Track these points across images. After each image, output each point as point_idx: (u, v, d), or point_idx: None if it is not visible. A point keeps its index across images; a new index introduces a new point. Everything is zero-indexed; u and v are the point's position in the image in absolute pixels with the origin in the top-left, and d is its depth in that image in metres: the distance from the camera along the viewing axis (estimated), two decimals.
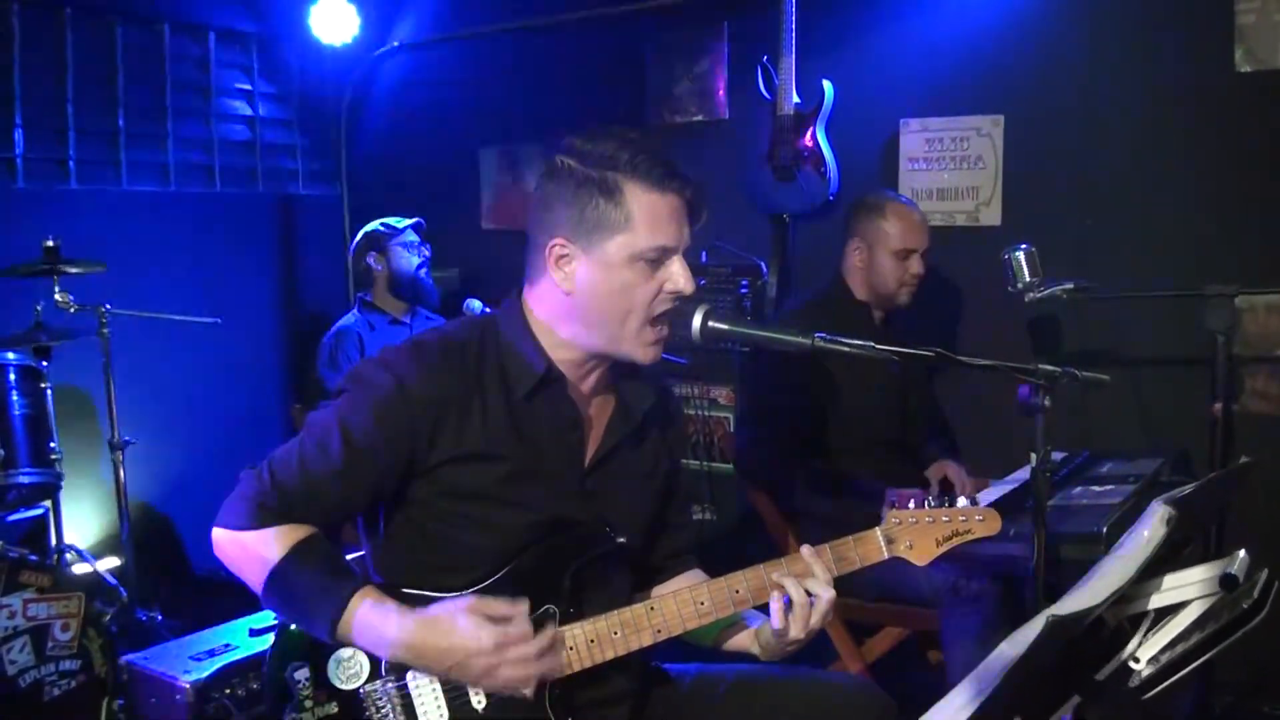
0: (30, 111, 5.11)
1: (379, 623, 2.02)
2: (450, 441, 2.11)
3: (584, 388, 2.24)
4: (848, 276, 3.92)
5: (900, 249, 3.80)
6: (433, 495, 2.15)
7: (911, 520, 2.24)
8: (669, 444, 2.44)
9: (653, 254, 2.08)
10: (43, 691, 3.37)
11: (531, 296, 2.21)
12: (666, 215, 2.08)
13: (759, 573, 2.19)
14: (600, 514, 2.23)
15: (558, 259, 2.12)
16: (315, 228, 6.28)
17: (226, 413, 5.70)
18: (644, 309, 2.11)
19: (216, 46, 5.89)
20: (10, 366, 3.90)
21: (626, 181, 2.06)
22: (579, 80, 5.49)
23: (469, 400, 2.13)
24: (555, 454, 2.21)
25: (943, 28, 4.48)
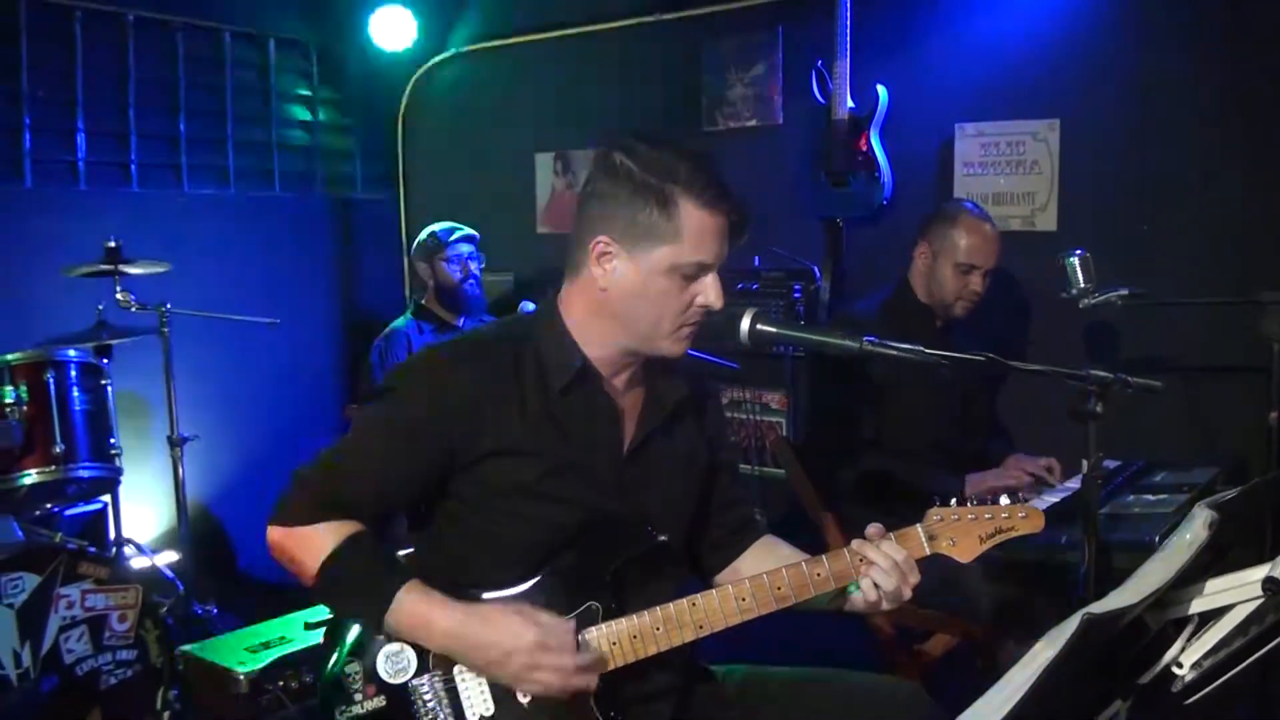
0: (92, 116, 5.23)
1: (425, 614, 2.06)
2: (489, 437, 2.14)
3: (617, 382, 2.27)
4: (912, 278, 3.90)
5: (964, 263, 3.76)
6: (474, 490, 2.18)
7: (954, 517, 2.22)
8: (705, 432, 2.45)
9: (691, 269, 2.12)
10: (99, 680, 3.44)
11: (570, 290, 2.25)
12: (712, 233, 2.12)
13: (801, 570, 2.19)
14: (640, 505, 2.26)
15: (600, 255, 2.15)
16: (372, 231, 6.38)
17: (283, 412, 5.78)
18: (673, 318, 2.16)
19: (277, 53, 5.99)
20: (72, 364, 3.97)
21: (682, 195, 2.09)
22: (634, 85, 5.52)
23: (506, 396, 2.16)
24: (592, 447, 2.23)
25: (998, 31, 4.45)
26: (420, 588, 2.08)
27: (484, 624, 2.05)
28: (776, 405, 5.19)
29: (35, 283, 4.57)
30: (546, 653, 2.02)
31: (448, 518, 2.23)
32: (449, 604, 2.07)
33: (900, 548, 2.19)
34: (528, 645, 2.01)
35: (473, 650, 2.06)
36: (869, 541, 2.20)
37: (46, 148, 5.10)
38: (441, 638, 2.07)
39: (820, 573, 2.19)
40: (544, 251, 5.86)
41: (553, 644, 2.03)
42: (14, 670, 3.26)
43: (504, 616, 2.05)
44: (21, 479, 3.77)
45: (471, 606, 2.08)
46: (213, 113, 5.72)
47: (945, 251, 3.78)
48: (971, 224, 3.79)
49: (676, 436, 2.36)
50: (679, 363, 2.31)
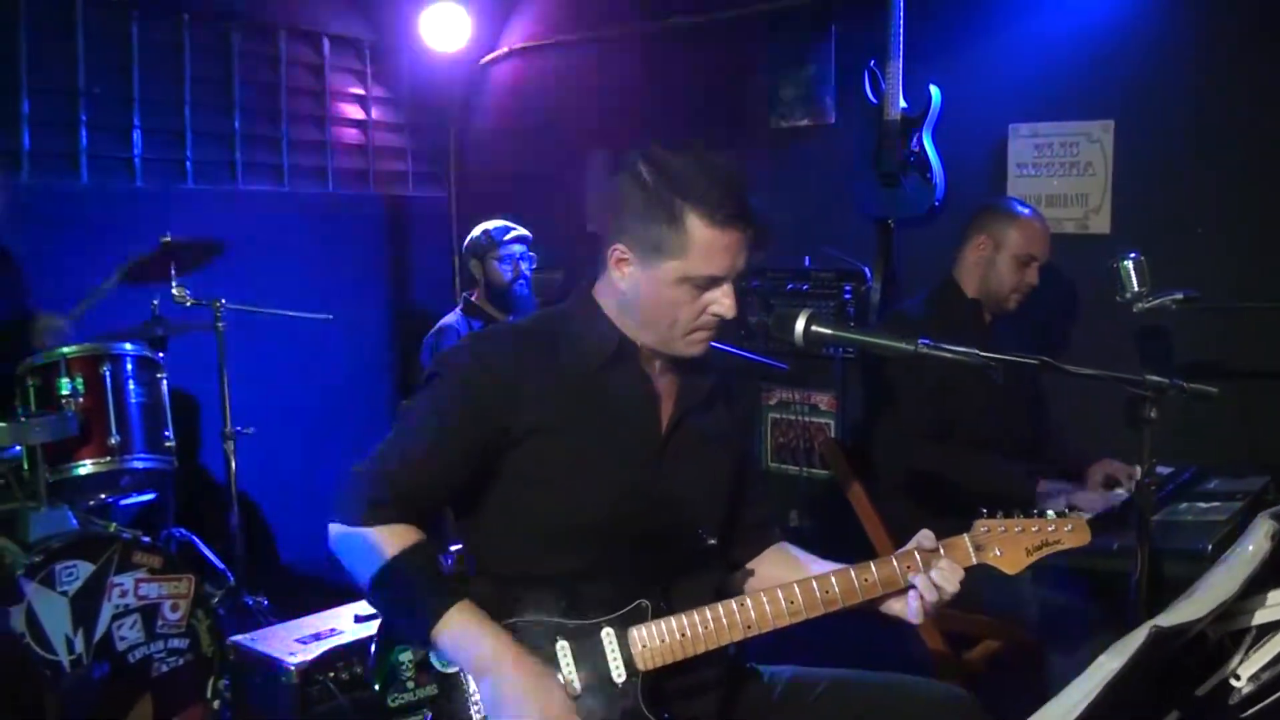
0: (148, 113, 5.31)
1: (470, 641, 2.07)
2: (530, 414, 2.18)
3: (654, 364, 2.31)
4: (961, 274, 3.83)
5: (1023, 254, 3.71)
6: (519, 469, 2.20)
7: (1000, 529, 2.23)
8: (736, 419, 2.49)
9: (701, 281, 2.15)
10: (151, 667, 3.48)
11: (600, 284, 2.31)
12: (722, 249, 2.14)
13: (849, 575, 2.20)
14: (678, 485, 2.28)
15: (617, 261, 2.21)
16: (424, 229, 6.43)
17: (334, 407, 5.84)
18: (686, 324, 2.20)
19: (331, 51, 6.05)
20: (128, 357, 4.02)
21: (691, 213, 2.11)
22: (686, 85, 5.51)
23: (545, 374, 2.21)
24: (632, 424, 2.27)
25: (1052, 31, 4.41)
26: (470, 609, 2.09)
27: (525, 672, 2.04)
28: (825, 406, 5.17)
29: (92, 277, 4.62)
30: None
31: (495, 502, 2.25)
32: (500, 635, 2.08)
33: (950, 561, 2.20)
34: (554, 714, 2.01)
35: (501, 687, 2.04)
36: (919, 552, 2.21)
37: (103, 144, 5.18)
38: (478, 665, 2.07)
39: (869, 578, 2.20)
40: (595, 250, 5.83)
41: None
42: (67, 656, 3.30)
43: (547, 678, 2.06)
44: (77, 469, 3.81)
45: (520, 652, 2.07)
46: (267, 110, 5.80)
47: (1004, 244, 3.72)
48: (1029, 217, 3.77)
49: (711, 419, 2.38)
50: (709, 357, 2.34)
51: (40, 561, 3.29)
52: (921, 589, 2.18)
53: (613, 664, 2.13)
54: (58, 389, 3.80)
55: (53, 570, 3.31)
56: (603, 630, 2.14)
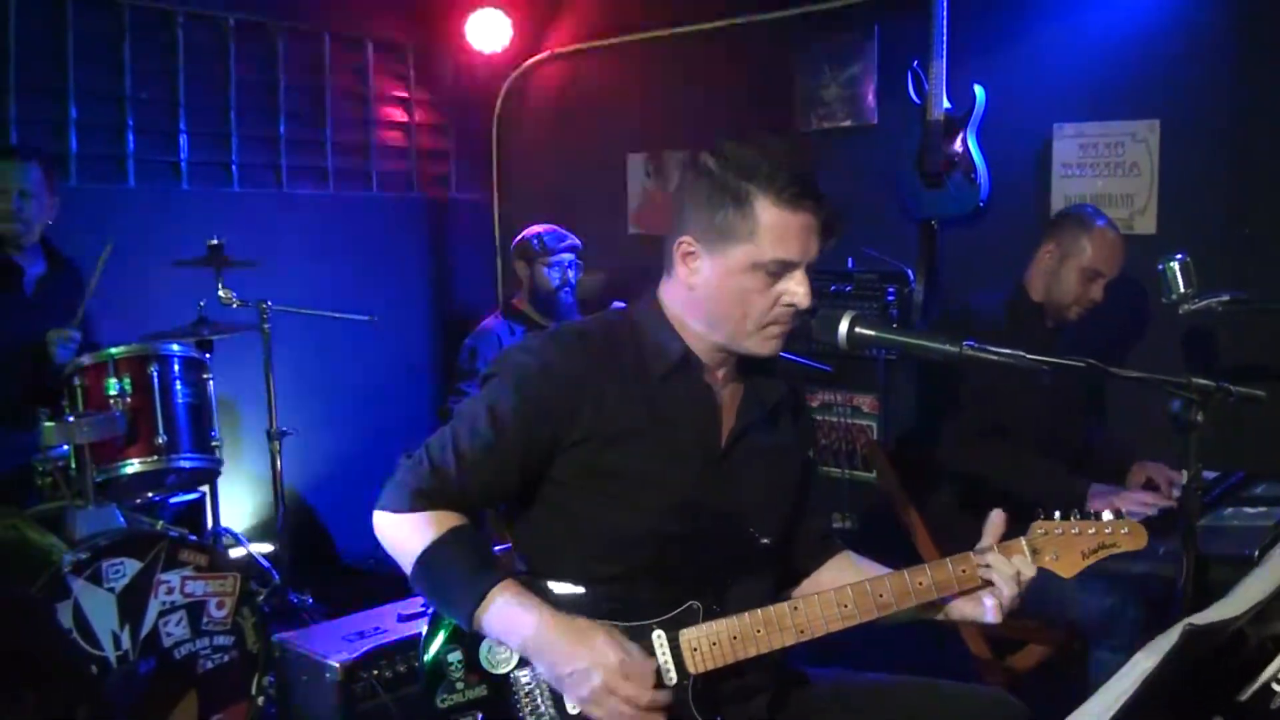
0: (194, 118, 5.36)
1: (515, 616, 2.06)
2: (590, 420, 2.15)
3: (718, 374, 2.28)
4: (1029, 278, 3.79)
5: (1090, 268, 3.66)
6: (575, 475, 2.19)
7: (1057, 531, 2.19)
8: (800, 433, 2.45)
9: (773, 266, 2.10)
10: (197, 664, 3.49)
11: (665, 288, 2.26)
12: (793, 232, 2.09)
13: (903, 578, 2.17)
14: (736, 498, 2.25)
15: (684, 255, 2.17)
16: (466, 231, 6.47)
17: (378, 408, 5.87)
18: (759, 316, 2.14)
19: (374, 56, 6.09)
20: (175, 358, 4.05)
21: (759, 195, 2.07)
22: (728, 86, 5.51)
23: (608, 381, 2.18)
24: (692, 435, 2.23)
25: (1097, 30, 4.38)
26: (515, 587, 2.09)
27: (572, 636, 2.04)
28: (868, 409, 5.15)
29: (139, 279, 4.68)
30: (625, 681, 2.01)
31: (547, 505, 2.24)
32: (543, 608, 2.07)
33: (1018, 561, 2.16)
34: (610, 667, 2.01)
35: (555, 659, 2.04)
36: (990, 553, 2.16)
37: (149, 149, 5.24)
38: (526, 638, 2.06)
39: (922, 581, 2.16)
40: (635, 252, 5.88)
41: (633, 674, 2.02)
42: (113, 652, 3.33)
43: (594, 634, 2.04)
44: (124, 468, 3.85)
45: (564, 617, 2.06)
46: (312, 114, 5.84)
47: (1074, 255, 3.67)
48: (1103, 232, 3.69)
49: (773, 434, 2.35)
50: (777, 363, 2.31)
51: (88, 558, 3.30)
52: (1000, 580, 2.14)
53: (663, 666, 2.11)
54: (105, 389, 3.83)
55: (100, 567, 3.32)
56: (654, 632, 2.12)
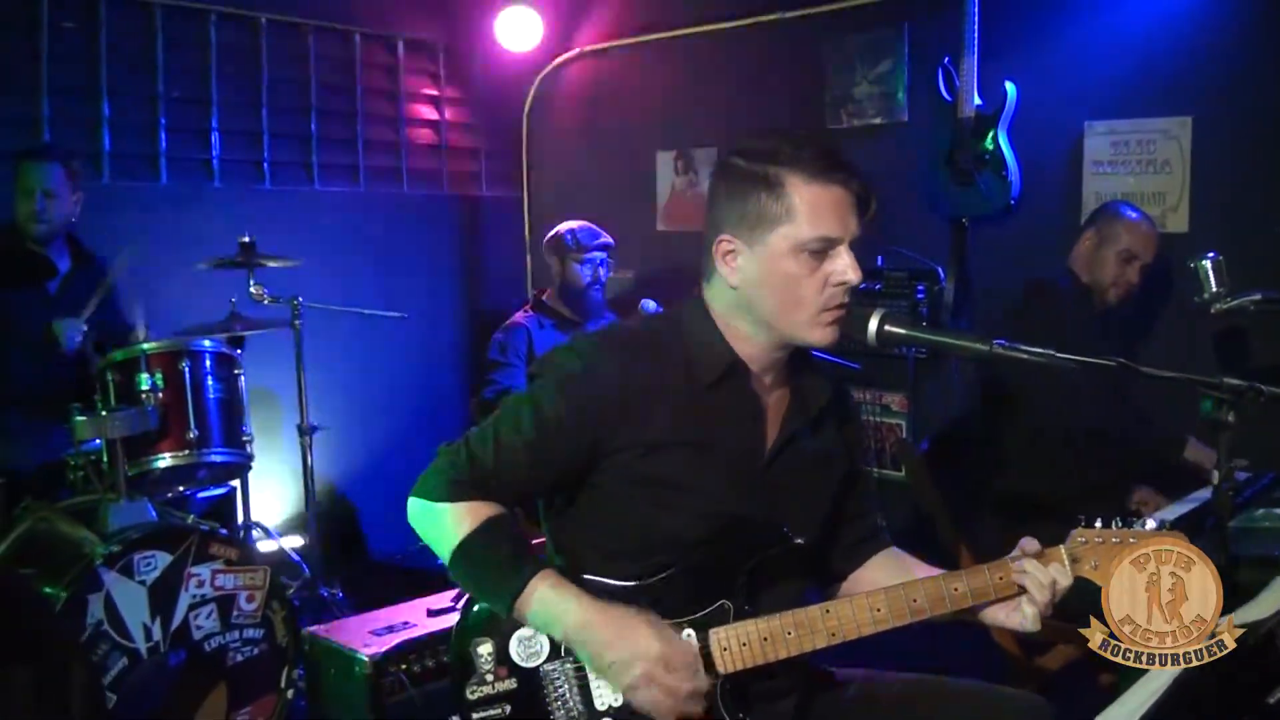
0: (226, 116, 5.40)
1: (557, 604, 2.06)
2: (635, 427, 2.14)
3: (765, 381, 2.25)
4: (1074, 263, 3.99)
5: (1125, 250, 3.88)
6: (615, 479, 2.17)
7: (1098, 540, 2.14)
8: (846, 441, 2.42)
9: (816, 244, 2.06)
10: (226, 656, 3.52)
11: (708, 294, 2.24)
12: (829, 206, 2.07)
13: (938, 583, 2.15)
14: (777, 505, 2.23)
15: (724, 255, 2.14)
16: (496, 228, 6.49)
17: (407, 404, 5.90)
18: (810, 300, 2.10)
19: (405, 54, 6.12)
20: (207, 353, 4.07)
21: (788, 174, 2.06)
22: (757, 83, 5.51)
23: (654, 388, 2.15)
24: (737, 443, 2.21)
25: (1129, 27, 4.35)
26: (554, 577, 2.09)
27: (615, 625, 2.04)
28: (897, 407, 5.13)
29: (171, 276, 4.71)
30: (667, 670, 2.00)
31: (586, 503, 2.23)
32: (582, 598, 2.07)
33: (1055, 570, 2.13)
34: (653, 656, 2.00)
35: (597, 647, 2.04)
36: (1027, 560, 2.14)
37: (182, 146, 5.27)
38: (569, 629, 2.06)
39: (958, 588, 2.13)
40: (664, 249, 5.88)
41: (676, 663, 2.02)
42: (144, 644, 3.35)
43: (636, 622, 2.04)
44: (156, 462, 3.87)
45: (605, 605, 2.06)
46: (343, 112, 5.87)
47: (1110, 240, 3.90)
48: (1135, 219, 3.95)
49: (818, 440, 2.33)
50: (824, 367, 2.31)
51: (119, 551, 3.33)
52: (1035, 589, 2.11)
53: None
54: (137, 384, 3.85)
55: (132, 560, 3.35)
56: (684, 631, 2.12)
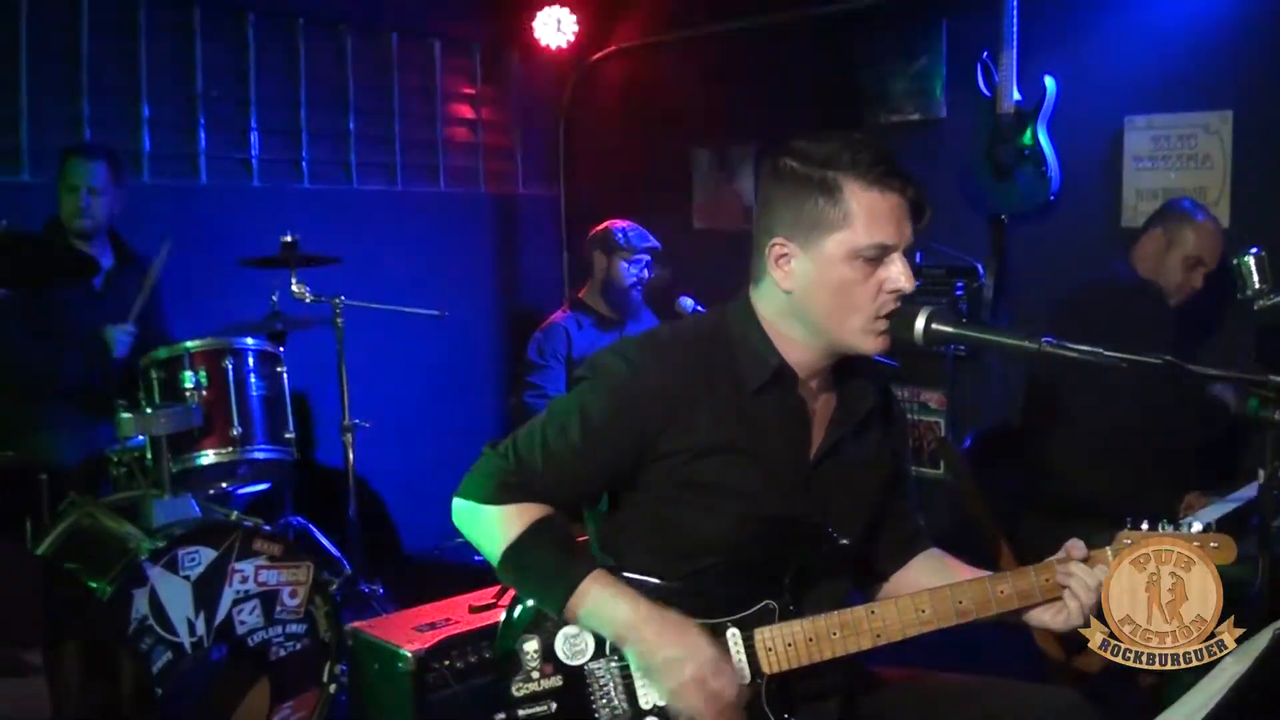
0: (265, 115, 5.44)
1: (609, 603, 2.07)
2: (681, 431, 2.14)
3: (811, 385, 2.25)
4: (1136, 262, 3.89)
5: (1192, 255, 3.78)
6: (661, 482, 2.18)
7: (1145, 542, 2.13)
8: (890, 444, 2.41)
9: (871, 251, 2.06)
10: (269, 651, 3.55)
11: (756, 297, 2.23)
12: (885, 213, 2.06)
13: (984, 585, 2.15)
14: (822, 509, 2.23)
15: (777, 258, 2.13)
16: (533, 226, 6.51)
17: (444, 401, 5.93)
18: (865, 306, 2.09)
19: (442, 53, 6.14)
20: (250, 351, 4.09)
21: (845, 179, 2.05)
22: (794, 80, 5.50)
23: (701, 393, 2.15)
24: (782, 449, 2.21)
25: (1169, 20, 4.33)
26: (607, 576, 2.10)
27: (667, 626, 2.05)
28: (935, 404, 5.12)
29: (211, 275, 4.74)
30: (716, 677, 2.01)
31: (631, 505, 2.24)
32: (637, 598, 2.08)
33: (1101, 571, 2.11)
34: (703, 661, 2.01)
35: (649, 646, 2.05)
36: (1073, 562, 2.13)
37: (221, 146, 5.31)
38: (620, 625, 2.07)
39: (1004, 590, 2.14)
40: (700, 247, 5.88)
41: (724, 672, 2.03)
42: (188, 638, 3.38)
43: (688, 627, 2.05)
44: (199, 459, 3.89)
45: (658, 608, 2.07)
46: (380, 111, 5.90)
47: (1177, 242, 3.80)
48: (1205, 225, 3.83)
49: (863, 445, 2.32)
50: (866, 368, 2.29)
51: (164, 547, 3.35)
52: (1080, 591, 2.11)
53: (737, 665, 2.10)
54: (181, 382, 3.88)
55: (176, 555, 3.38)
56: (728, 630, 2.13)
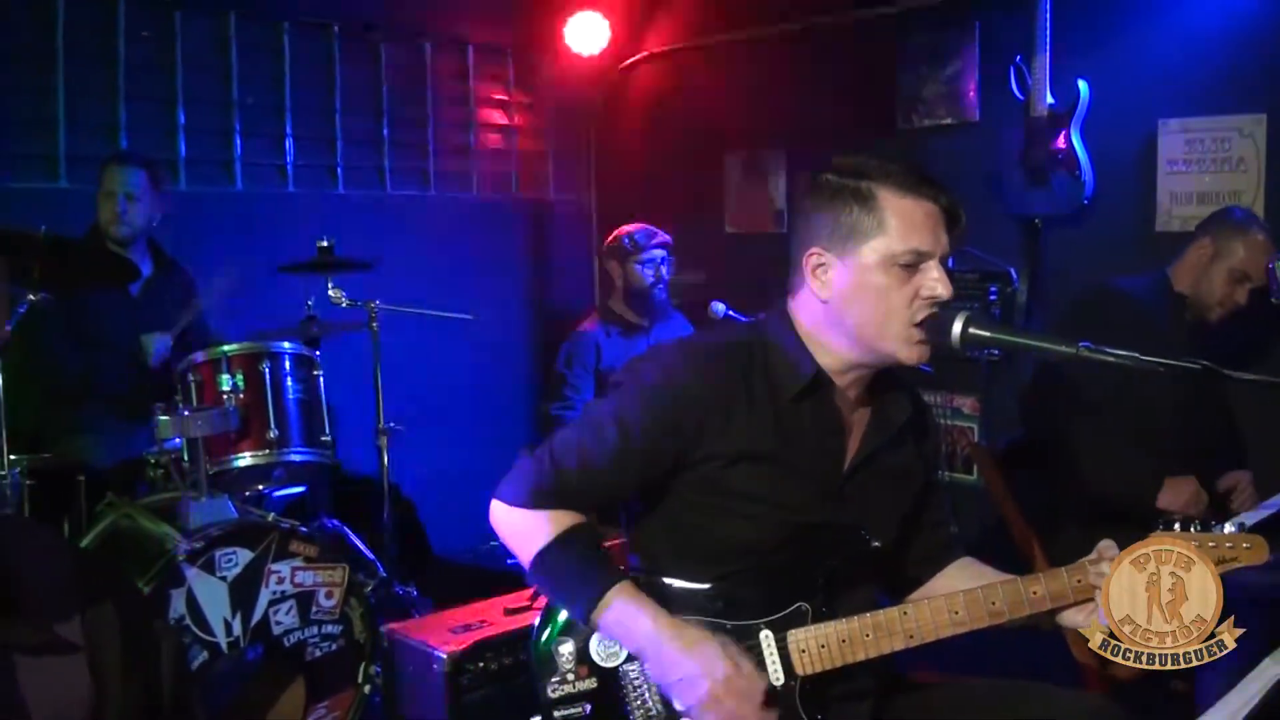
0: (300, 122, 5.49)
1: (630, 618, 2.09)
2: (716, 439, 2.15)
3: (848, 395, 2.26)
4: (1176, 270, 3.74)
5: (1239, 269, 3.63)
6: (696, 489, 2.20)
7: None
8: (924, 455, 2.43)
9: (907, 258, 2.08)
10: (305, 652, 3.57)
11: (795, 306, 2.25)
12: (921, 220, 2.09)
13: (1016, 587, 2.15)
14: (856, 512, 2.24)
15: (815, 268, 2.16)
16: (565, 231, 6.54)
17: (476, 405, 5.97)
18: (901, 314, 2.11)
19: (475, 60, 6.18)
20: (286, 355, 4.12)
21: (880, 187, 2.09)
22: (826, 85, 5.49)
23: (736, 400, 2.17)
24: (816, 458, 2.23)
25: (1202, 22, 4.30)
26: (631, 589, 2.11)
27: (684, 643, 2.05)
28: (968, 410, 5.10)
29: (248, 279, 4.77)
30: (731, 694, 2.01)
31: (665, 509, 2.25)
32: (657, 613, 2.09)
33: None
34: (719, 678, 2.01)
35: (665, 663, 2.06)
36: (1105, 562, 2.12)
37: (256, 152, 5.38)
38: (640, 640, 2.09)
39: (1037, 590, 2.14)
40: (733, 252, 5.90)
41: (741, 688, 2.03)
42: (225, 638, 3.41)
43: (705, 644, 2.05)
44: (236, 461, 3.93)
45: (678, 623, 2.08)
46: (414, 117, 5.94)
47: (1225, 254, 3.64)
48: (1258, 236, 3.67)
49: (898, 455, 2.33)
50: (901, 376, 2.31)
51: (202, 548, 3.38)
52: None
53: (770, 667, 2.11)
54: (219, 385, 3.91)
55: (213, 556, 3.41)
56: (761, 632, 2.14)
